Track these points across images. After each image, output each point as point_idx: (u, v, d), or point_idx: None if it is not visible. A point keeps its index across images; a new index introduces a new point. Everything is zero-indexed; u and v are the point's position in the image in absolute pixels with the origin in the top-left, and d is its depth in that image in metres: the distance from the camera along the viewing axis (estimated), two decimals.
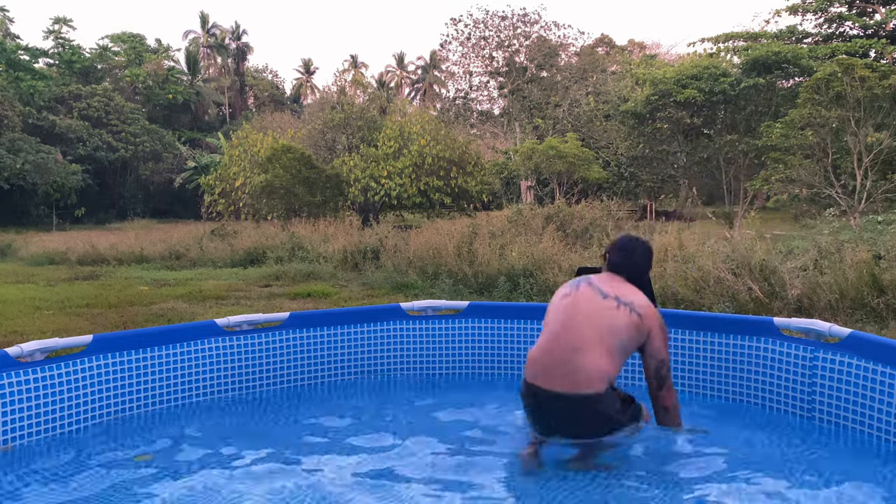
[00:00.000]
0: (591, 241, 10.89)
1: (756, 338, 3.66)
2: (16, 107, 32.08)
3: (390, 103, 34.99)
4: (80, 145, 35.07)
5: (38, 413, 3.31)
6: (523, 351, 4.26)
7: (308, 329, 4.19)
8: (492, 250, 9.58)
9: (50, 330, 6.44)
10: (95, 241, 16.01)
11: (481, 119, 35.13)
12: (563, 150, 23.06)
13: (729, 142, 21.01)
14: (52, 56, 41.81)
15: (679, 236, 9.04)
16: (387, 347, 4.33)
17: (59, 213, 33.33)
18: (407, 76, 64.35)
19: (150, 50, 47.16)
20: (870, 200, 14.97)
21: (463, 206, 24.04)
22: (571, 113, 30.82)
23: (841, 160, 16.22)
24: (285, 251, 13.06)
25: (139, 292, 9.52)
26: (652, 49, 41.22)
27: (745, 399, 3.71)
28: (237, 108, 54.28)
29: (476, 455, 3.08)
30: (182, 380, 3.83)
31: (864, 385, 3.22)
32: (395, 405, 3.96)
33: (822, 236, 9.29)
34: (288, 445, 3.27)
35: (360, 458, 3.09)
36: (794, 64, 21.05)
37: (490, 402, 3.85)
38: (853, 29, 27.69)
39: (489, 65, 32.98)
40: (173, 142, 39.75)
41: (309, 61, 63.49)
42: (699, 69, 21.90)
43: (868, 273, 6.23)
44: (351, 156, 22.63)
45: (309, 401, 4.04)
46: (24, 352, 3.31)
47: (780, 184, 17.16)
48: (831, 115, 15.31)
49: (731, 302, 6.53)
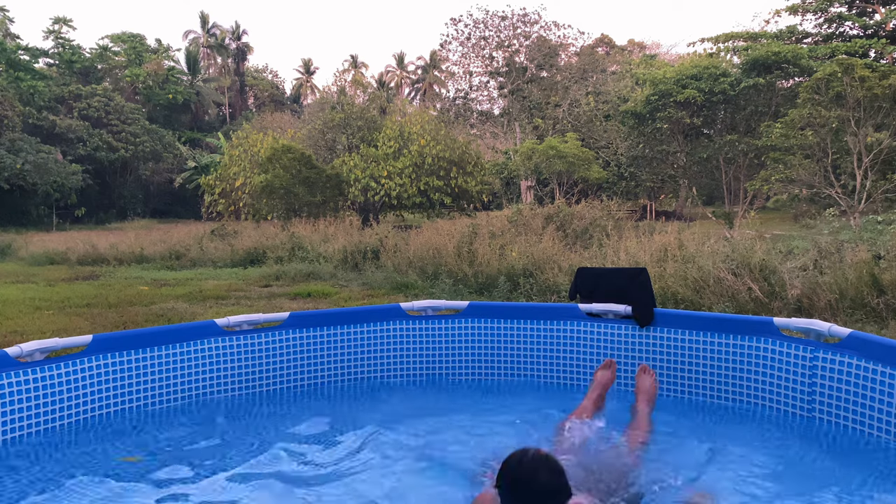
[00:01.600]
0: (590, 241, 10.89)
1: (756, 338, 3.67)
2: (16, 107, 32.07)
3: (390, 103, 35.01)
4: (80, 145, 35.07)
5: (38, 413, 3.31)
6: (523, 351, 4.26)
7: (308, 329, 4.19)
8: (492, 250, 9.58)
9: (50, 330, 6.44)
10: (95, 241, 16.01)
11: (481, 119, 35.13)
12: (563, 150, 23.06)
13: (729, 142, 21.01)
14: (52, 56, 41.80)
15: (679, 236, 9.04)
16: (387, 347, 4.33)
17: (59, 213, 33.34)
18: (407, 76, 64.34)
19: (150, 50, 47.13)
20: (870, 200, 14.97)
21: (463, 206, 24.05)
22: (571, 113, 30.83)
23: (841, 160, 16.22)
24: (285, 251, 13.06)
25: (139, 292, 9.52)
26: (652, 49, 41.22)
27: (745, 399, 3.71)
28: (237, 108, 54.28)
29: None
30: (182, 380, 3.83)
31: (863, 385, 3.22)
32: (395, 405, 3.96)
33: (822, 236, 9.29)
34: (288, 446, 3.27)
35: (359, 458, 3.09)
36: (794, 64, 21.06)
37: (490, 402, 3.85)
38: (853, 29, 27.70)
39: (489, 65, 32.98)
40: (173, 142, 39.74)
41: (309, 61, 63.50)
42: (699, 69, 21.91)
43: (868, 273, 6.23)
44: (351, 156, 22.63)
45: (309, 401, 4.04)
46: (24, 352, 3.31)
47: (779, 184, 17.15)
48: (831, 115, 15.31)
49: (731, 302, 6.53)
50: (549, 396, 4.02)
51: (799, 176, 16.25)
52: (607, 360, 3.66)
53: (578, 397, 3.80)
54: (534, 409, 3.75)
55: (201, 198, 32.36)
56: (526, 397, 4.01)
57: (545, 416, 3.59)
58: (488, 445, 3.19)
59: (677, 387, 3.91)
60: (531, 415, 3.66)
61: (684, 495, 2.70)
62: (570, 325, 4.16)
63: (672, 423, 3.61)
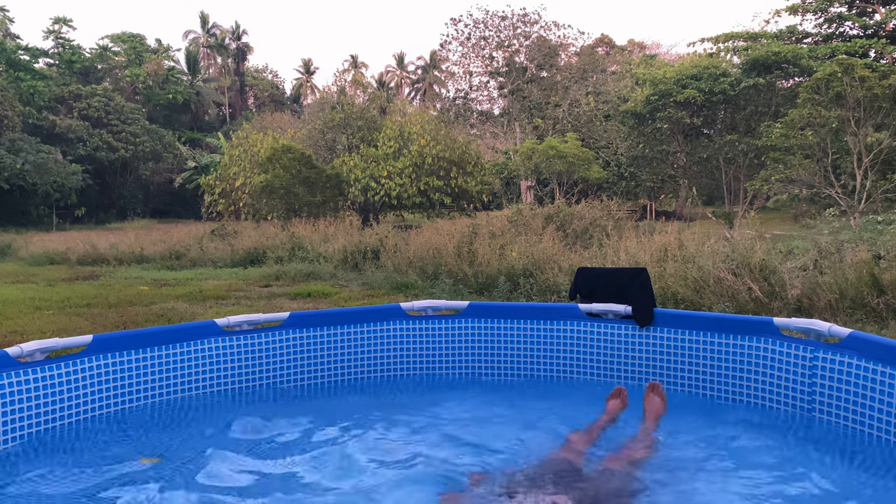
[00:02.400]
0: (590, 241, 10.89)
1: (756, 338, 3.66)
2: (16, 107, 32.08)
3: (390, 103, 35.00)
4: (80, 145, 35.08)
5: (38, 413, 3.31)
6: (524, 351, 4.26)
7: (308, 329, 4.19)
8: (492, 250, 9.58)
9: (50, 330, 6.44)
10: (95, 241, 16.01)
11: (481, 119, 35.13)
12: (563, 150, 23.06)
13: (729, 142, 21.01)
14: (52, 56, 41.81)
15: (679, 236, 9.03)
16: (387, 347, 4.33)
17: (59, 213, 33.35)
18: (407, 76, 64.35)
19: (150, 50, 47.15)
20: (870, 200, 14.98)
21: (463, 206, 24.06)
22: (571, 113, 30.83)
23: (841, 160, 16.22)
24: (285, 251, 13.06)
25: (139, 292, 9.52)
26: (652, 49, 41.22)
27: (745, 399, 3.71)
28: (237, 108, 54.30)
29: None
30: (182, 380, 3.83)
31: (864, 385, 3.22)
32: (395, 405, 3.96)
33: (822, 236, 9.29)
34: (288, 446, 3.27)
35: (359, 457, 3.09)
36: (794, 64, 21.07)
37: (490, 402, 3.85)
38: (853, 29, 27.71)
39: (489, 65, 32.99)
40: (173, 142, 39.75)
41: (309, 61, 63.51)
42: (699, 69, 21.92)
43: (868, 273, 6.23)
44: (351, 156, 22.64)
45: (309, 401, 4.04)
46: (24, 352, 3.30)
47: (779, 184, 17.16)
48: (831, 115, 15.31)
49: (731, 302, 6.53)
50: (550, 397, 4.02)
51: (799, 176, 16.25)
52: (617, 388, 3.59)
53: (579, 397, 3.80)
54: (534, 409, 3.74)
55: (201, 198, 32.39)
56: (526, 397, 4.01)
57: (544, 416, 3.59)
58: (486, 445, 3.19)
59: (677, 387, 3.91)
60: (531, 415, 3.65)
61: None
62: (570, 325, 4.16)
63: (672, 423, 3.61)
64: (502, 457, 3.07)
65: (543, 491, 2.63)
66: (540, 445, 3.13)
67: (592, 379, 4.12)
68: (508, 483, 2.70)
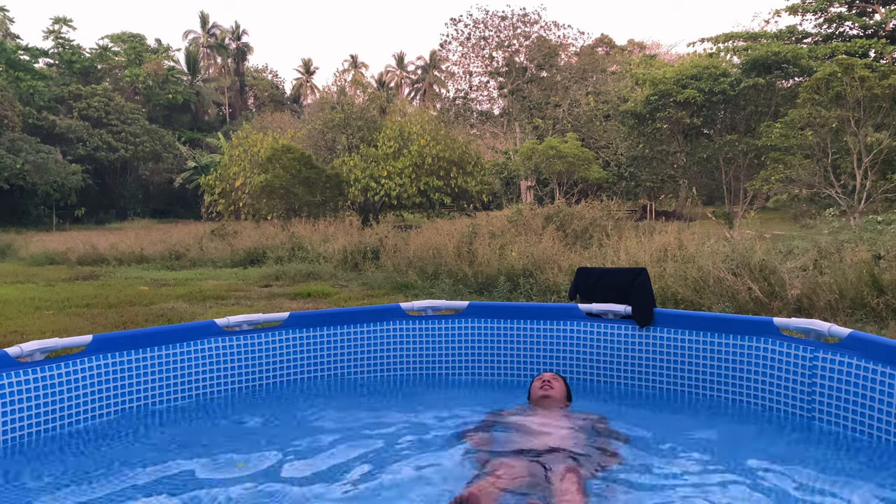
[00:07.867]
0: (590, 241, 10.89)
1: (756, 338, 3.66)
2: (16, 107, 32.08)
3: (390, 103, 34.97)
4: (80, 145, 35.08)
5: (38, 413, 3.31)
6: (524, 351, 4.26)
7: (308, 329, 4.19)
8: (492, 250, 9.57)
9: (50, 330, 6.44)
10: (95, 241, 16.02)
11: (481, 119, 35.14)
12: (563, 150, 23.06)
13: (729, 142, 21.01)
14: (52, 56, 41.81)
15: (679, 236, 9.03)
16: (387, 347, 4.33)
17: (59, 213, 33.35)
18: (407, 76, 64.32)
19: (150, 50, 47.16)
20: (870, 200, 14.98)
21: (463, 206, 24.06)
22: (571, 113, 30.83)
23: (841, 160, 16.22)
24: (285, 251, 13.06)
25: (139, 292, 9.52)
26: (652, 49, 41.18)
27: (745, 399, 3.71)
28: (237, 108, 54.31)
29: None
30: (182, 380, 3.83)
31: (863, 385, 3.22)
32: (394, 405, 3.96)
33: (822, 236, 9.29)
34: (287, 447, 3.27)
35: (359, 457, 3.09)
36: (794, 64, 21.05)
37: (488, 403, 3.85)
38: (853, 29, 27.70)
39: (489, 65, 32.98)
40: (173, 142, 39.76)
41: (309, 61, 63.48)
42: (699, 69, 21.91)
43: (868, 273, 6.23)
44: (351, 156, 22.65)
45: (309, 401, 4.03)
46: (24, 352, 3.30)
47: (779, 184, 17.16)
48: (831, 115, 15.31)
49: (730, 302, 6.53)
50: None
51: (799, 176, 16.25)
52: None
53: (579, 397, 3.79)
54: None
55: (201, 198, 32.39)
56: (526, 397, 4.00)
57: None
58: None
59: (677, 387, 3.91)
60: None
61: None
62: (570, 325, 4.16)
63: (671, 422, 3.61)
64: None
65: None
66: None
67: (592, 379, 4.13)
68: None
